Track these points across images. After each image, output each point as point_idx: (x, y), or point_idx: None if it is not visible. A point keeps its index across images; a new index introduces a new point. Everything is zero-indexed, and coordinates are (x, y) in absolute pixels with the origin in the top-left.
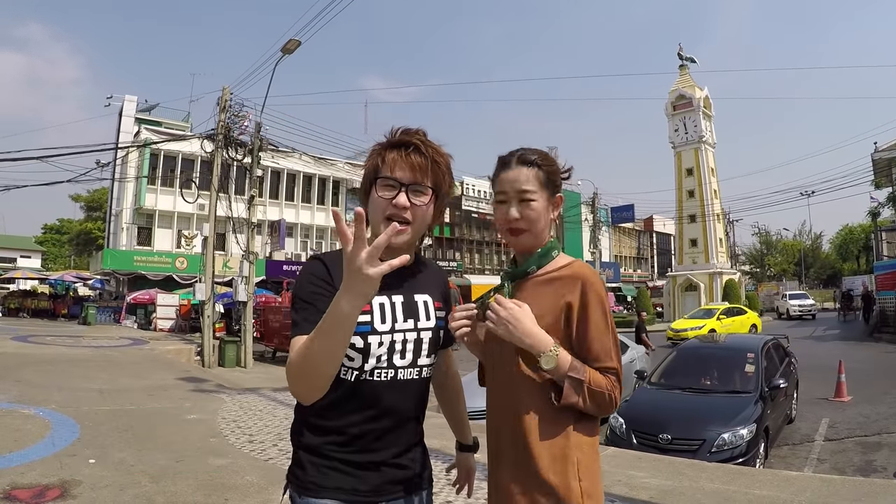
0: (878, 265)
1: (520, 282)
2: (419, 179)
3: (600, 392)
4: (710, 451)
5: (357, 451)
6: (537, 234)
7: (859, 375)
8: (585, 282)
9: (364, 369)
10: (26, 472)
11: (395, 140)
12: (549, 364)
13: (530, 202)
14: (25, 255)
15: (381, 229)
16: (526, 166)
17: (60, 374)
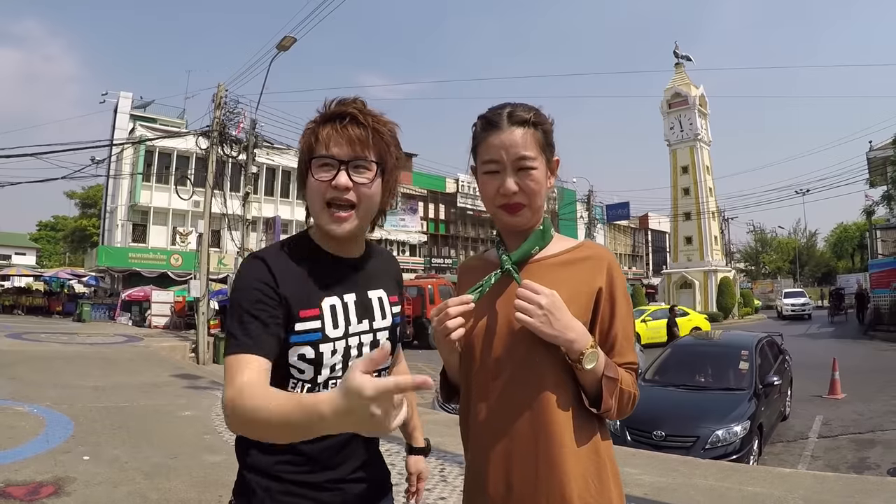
0: (872, 263)
1: (523, 267)
2: (360, 154)
3: (628, 392)
4: (704, 447)
5: (314, 471)
6: (537, 207)
7: (853, 373)
8: (612, 265)
9: (317, 381)
10: (21, 469)
11: (329, 113)
12: (591, 363)
13: (530, 171)
14: (20, 253)
15: (322, 219)
16: (521, 127)
17: (55, 372)
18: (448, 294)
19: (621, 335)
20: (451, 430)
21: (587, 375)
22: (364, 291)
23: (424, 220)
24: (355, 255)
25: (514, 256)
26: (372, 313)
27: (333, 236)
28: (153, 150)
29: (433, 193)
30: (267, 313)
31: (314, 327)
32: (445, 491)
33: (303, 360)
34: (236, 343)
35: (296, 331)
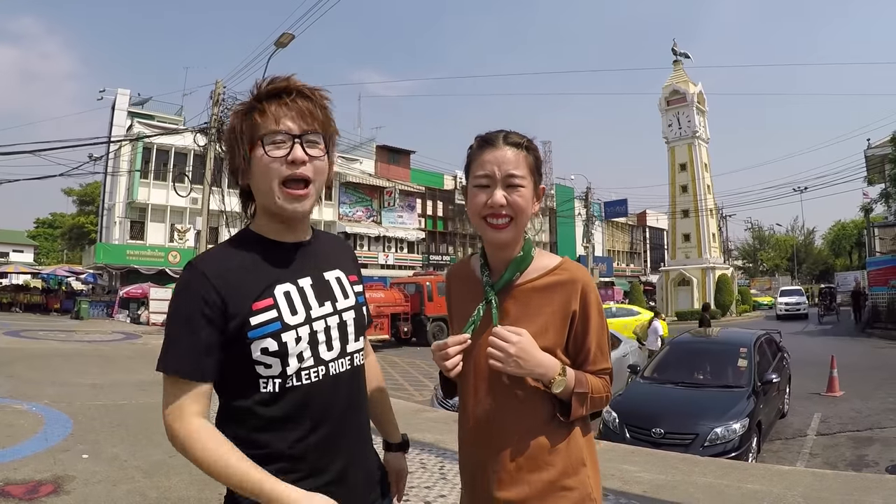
0: (870, 261)
1: (506, 292)
2: (312, 127)
3: (599, 397)
4: (703, 445)
5: (303, 478)
6: (521, 226)
7: (851, 371)
8: (585, 287)
9: (287, 374)
10: (20, 467)
11: (276, 87)
12: (559, 388)
13: (519, 188)
14: (18, 250)
15: (278, 199)
16: (514, 148)
17: (53, 369)
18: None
19: (594, 347)
20: (451, 427)
21: (559, 394)
22: (319, 273)
23: (422, 217)
24: (305, 238)
25: (497, 286)
26: (332, 294)
27: (288, 217)
28: (151, 147)
29: (431, 190)
30: (207, 332)
31: (271, 317)
32: (446, 488)
33: (266, 353)
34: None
35: (252, 325)
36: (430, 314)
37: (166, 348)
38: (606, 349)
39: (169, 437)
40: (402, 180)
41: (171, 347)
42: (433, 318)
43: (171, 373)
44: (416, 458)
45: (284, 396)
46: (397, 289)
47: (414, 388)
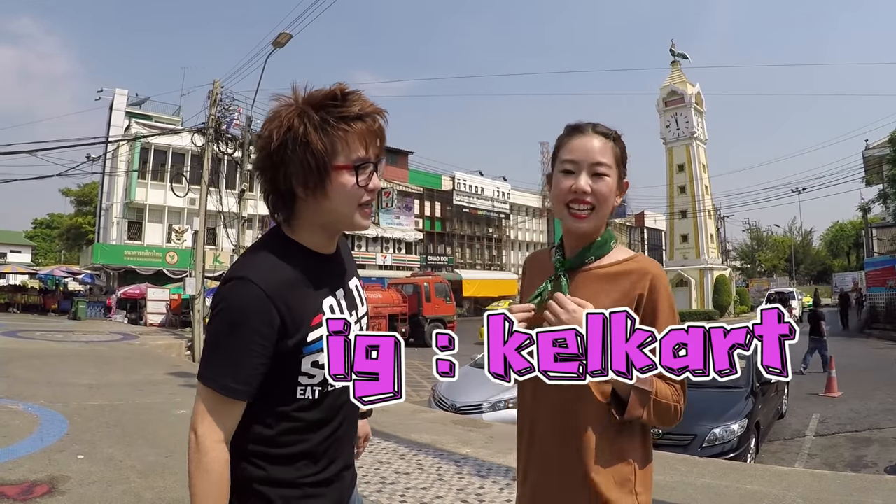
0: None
1: (574, 274)
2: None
3: (666, 404)
4: (702, 445)
5: (324, 469)
6: (603, 216)
7: (850, 371)
8: (655, 277)
9: (328, 382)
10: (14, 468)
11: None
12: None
13: (604, 176)
14: (15, 250)
15: (356, 219)
16: (601, 137)
17: (49, 370)
18: (444, 292)
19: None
20: (447, 429)
21: (618, 385)
22: (347, 284)
23: (420, 217)
24: (335, 249)
25: (567, 263)
26: (356, 303)
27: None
28: (149, 147)
29: (429, 191)
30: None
31: (322, 333)
32: (442, 490)
33: (316, 366)
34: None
35: (308, 341)
36: (428, 315)
37: (221, 365)
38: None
39: (191, 444)
40: (400, 181)
41: (227, 366)
42: (431, 319)
43: (224, 393)
44: (412, 459)
45: (324, 401)
46: (395, 289)
47: (412, 388)
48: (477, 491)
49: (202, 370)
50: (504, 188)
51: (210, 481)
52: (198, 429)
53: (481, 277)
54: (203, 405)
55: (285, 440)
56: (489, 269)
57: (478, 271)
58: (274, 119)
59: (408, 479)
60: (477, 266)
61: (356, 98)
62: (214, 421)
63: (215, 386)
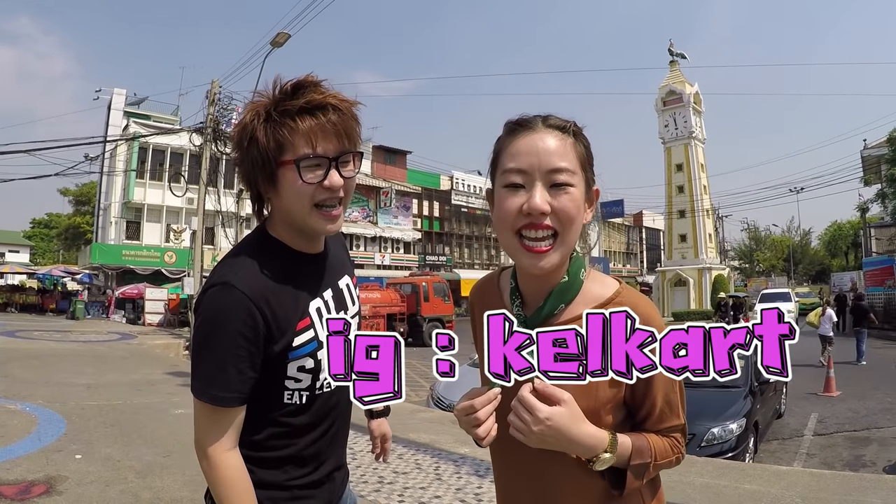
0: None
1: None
2: (346, 147)
3: (667, 463)
4: (700, 445)
5: (313, 471)
6: (570, 245)
7: (848, 371)
8: (649, 321)
9: (315, 388)
10: (12, 468)
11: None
12: (603, 466)
13: (566, 186)
14: (14, 250)
15: (312, 221)
16: (557, 132)
17: (47, 369)
18: (443, 292)
19: (661, 403)
20: (446, 429)
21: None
22: (336, 283)
23: (418, 217)
24: (321, 248)
25: (532, 323)
26: (346, 303)
27: (321, 234)
28: (147, 146)
29: (427, 191)
30: (249, 360)
31: (310, 337)
32: (441, 489)
33: (302, 370)
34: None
35: (293, 346)
36: (427, 314)
37: (209, 376)
38: (678, 403)
39: (204, 466)
40: (399, 181)
41: (214, 374)
42: (429, 319)
43: (214, 403)
44: (411, 458)
45: (312, 406)
46: (393, 289)
47: (410, 388)
48: (475, 490)
49: (193, 381)
50: None
51: (237, 491)
52: (206, 448)
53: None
54: (203, 420)
55: (273, 444)
56: (487, 268)
57: (476, 271)
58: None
59: (406, 478)
60: (475, 266)
61: (307, 90)
62: (217, 434)
63: (206, 398)
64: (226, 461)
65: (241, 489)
